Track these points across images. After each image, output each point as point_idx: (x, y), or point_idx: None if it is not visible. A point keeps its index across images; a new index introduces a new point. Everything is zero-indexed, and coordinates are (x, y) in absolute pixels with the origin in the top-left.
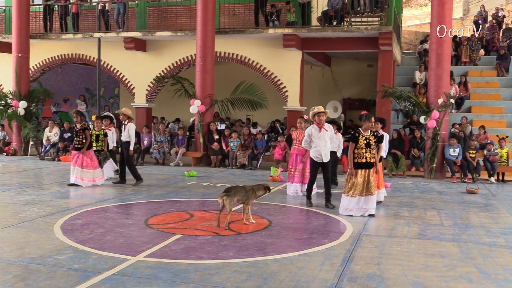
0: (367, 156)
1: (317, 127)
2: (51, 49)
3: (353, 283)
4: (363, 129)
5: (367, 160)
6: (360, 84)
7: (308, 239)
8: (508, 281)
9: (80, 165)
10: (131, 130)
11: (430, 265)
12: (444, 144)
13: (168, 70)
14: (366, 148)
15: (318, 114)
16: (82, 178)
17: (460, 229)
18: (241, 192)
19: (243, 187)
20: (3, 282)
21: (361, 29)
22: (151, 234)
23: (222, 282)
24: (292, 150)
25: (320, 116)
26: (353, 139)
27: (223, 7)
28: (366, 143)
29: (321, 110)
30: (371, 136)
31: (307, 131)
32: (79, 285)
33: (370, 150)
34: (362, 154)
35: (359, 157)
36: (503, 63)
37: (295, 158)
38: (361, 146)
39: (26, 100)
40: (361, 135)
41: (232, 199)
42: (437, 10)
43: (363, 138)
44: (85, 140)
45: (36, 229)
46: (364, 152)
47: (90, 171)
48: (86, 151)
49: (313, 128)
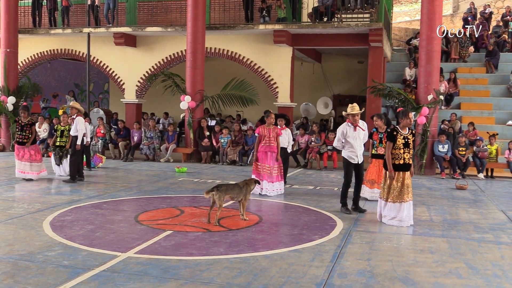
0: (405, 157)
1: (351, 126)
2: (40, 44)
3: (343, 279)
4: (401, 127)
5: (405, 161)
6: (350, 80)
7: (299, 235)
8: (497, 276)
9: (28, 159)
10: (79, 124)
11: (419, 260)
12: (434, 140)
13: (158, 66)
14: (404, 148)
15: (352, 115)
16: (32, 172)
17: (449, 225)
18: (235, 190)
19: (236, 184)
20: None
21: (352, 25)
22: (141, 230)
23: (212, 278)
24: (261, 147)
25: (354, 116)
26: (390, 138)
27: (214, 3)
28: (405, 143)
29: (356, 109)
30: (409, 135)
31: (340, 130)
32: (69, 281)
33: (409, 150)
34: (399, 155)
35: (397, 158)
36: (492, 60)
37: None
38: (399, 146)
39: (14, 95)
40: (399, 134)
41: (222, 195)
42: (427, 7)
43: (401, 137)
44: (31, 135)
45: (25, 226)
46: (402, 152)
47: (37, 164)
48: (30, 145)
49: (347, 126)
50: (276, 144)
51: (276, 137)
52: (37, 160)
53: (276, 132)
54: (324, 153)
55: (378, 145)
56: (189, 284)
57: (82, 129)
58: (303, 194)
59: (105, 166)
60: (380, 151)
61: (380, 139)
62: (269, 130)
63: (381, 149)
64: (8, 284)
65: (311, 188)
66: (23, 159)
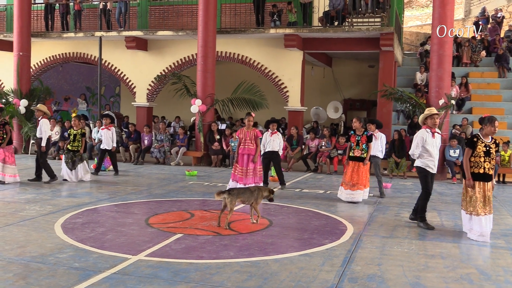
0: (486, 166)
1: (430, 132)
2: (52, 48)
3: (354, 284)
4: (483, 134)
5: (485, 171)
6: (361, 84)
7: (309, 239)
8: (509, 283)
9: (1, 161)
10: (43, 126)
11: (430, 266)
12: (445, 145)
13: (169, 69)
14: (485, 156)
15: (432, 117)
16: (4, 174)
17: (460, 230)
18: (246, 194)
19: (247, 188)
20: (4, 281)
21: (363, 29)
22: (152, 233)
23: (222, 282)
24: (240, 150)
25: (434, 118)
26: (470, 145)
27: (225, 7)
28: (486, 151)
29: (434, 111)
30: (492, 144)
31: (419, 135)
32: (80, 284)
33: (490, 159)
34: (479, 163)
35: (476, 166)
36: (504, 64)
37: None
38: (479, 153)
39: (27, 98)
40: (479, 141)
41: (234, 199)
42: (439, 11)
43: (482, 145)
44: (6, 136)
45: (37, 228)
46: (482, 161)
47: (12, 167)
48: (6, 146)
49: (426, 132)
50: (255, 146)
51: (254, 139)
52: (10, 162)
53: (254, 134)
54: (335, 157)
55: (355, 148)
56: (199, 287)
57: (46, 130)
58: (313, 198)
59: None
60: (356, 153)
61: (357, 142)
62: (247, 133)
63: (358, 151)
64: (20, 285)
65: (321, 192)
66: (3, 161)
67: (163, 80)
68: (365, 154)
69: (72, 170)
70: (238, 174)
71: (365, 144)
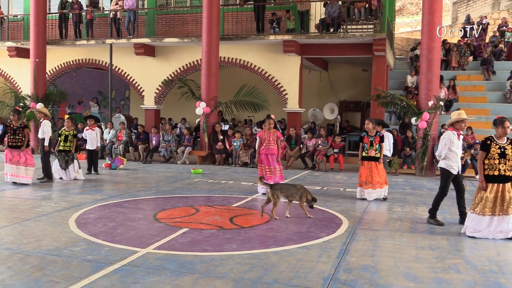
0: (501, 168)
1: (456, 134)
2: (66, 55)
3: (349, 274)
4: (497, 136)
5: (500, 173)
6: (355, 87)
7: (307, 233)
8: (493, 272)
9: (24, 163)
10: (45, 127)
11: (420, 257)
12: (434, 143)
13: (175, 74)
14: (500, 158)
15: (462, 121)
16: (27, 176)
17: (448, 224)
18: (290, 190)
19: (293, 185)
20: (21, 272)
21: (357, 35)
22: (160, 227)
23: (226, 273)
24: (262, 150)
25: (463, 123)
26: (483, 148)
27: (227, 15)
28: (500, 153)
29: (464, 116)
30: (508, 145)
31: (446, 137)
32: (92, 275)
33: (506, 161)
34: (494, 165)
35: (490, 168)
36: (489, 68)
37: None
38: (492, 156)
39: (43, 102)
40: (493, 143)
41: (276, 193)
42: (428, 18)
43: (496, 147)
44: (24, 138)
45: (52, 223)
46: (497, 163)
47: (32, 169)
48: (25, 149)
49: (452, 134)
50: (277, 147)
51: (276, 140)
52: (31, 164)
53: (276, 135)
54: (331, 155)
55: (369, 148)
56: (204, 278)
57: (48, 131)
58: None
59: (126, 167)
60: (371, 153)
61: (371, 142)
62: (269, 134)
63: (372, 152)
64: (37, 276)
65: (318, 188)
66: (19, 163)
67: (170, 84)
68: (379, 154)
69: (65, 170)
70: (267, 173)
71: (379, 144)
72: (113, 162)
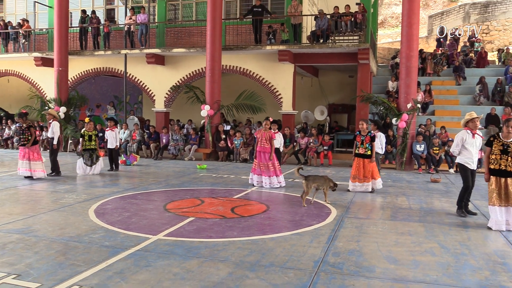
0: (502, 163)
1: (470, 133)
2: (86, 64)
3: (337, 257)
4: (503, 136)
5: (501, 167)
6: (342, 91)
7: (299, 221)
8: (464, 254)
9: (28, 159)
10: (54, 127)
11: (400, 242)
12: (412, 141)
13: (182, 80)
14: (502, 154)
15: (472, 120)
16: (35, 170)
17: (425, 212)
18: (320, 180)
19: (322, 176)
20: (47, 257)
21: (343, 46)
22: (169, 217)
23: (228, 257)
24: (258, 147)
25: (474, 121)
26: (487, 144)
27: (229, 28)
28: (503, 150)
29: (474, 115)
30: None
31: (459, 136)
32: (110, 259)
33: (507, 157)
34: (496, 161)
35: (492, 163)
36: (461, 74)
37: (262, 155)
38: (495, 151)
39: (65, 106)
40: (496, 140)
41: (310, 183)
42: (406, 30)
43: (499, 144)
44: (30, 137)
45: (74, 213)
46: (499, 158)
47: (39, 163)
48: (31, 146)
49: (466, 133)
50: (270, 146)
51: (269, 140)
52: (36, 159)
53: (269, 135)
54: (321, 152)
55: (360, 146)
56: (208, 262)
57: (57, 131)
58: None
59: (139, 164)
60: (361, 151)
61: (362, 141)
62: (263, 134)
63: (362, 149)
64: (61, 260)
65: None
66: (24, 159)
67: (178, 89)
68: (369, 151)
69: (90, 166)
70: (259, 168)
71: (369, 143)
72: (128, 159)
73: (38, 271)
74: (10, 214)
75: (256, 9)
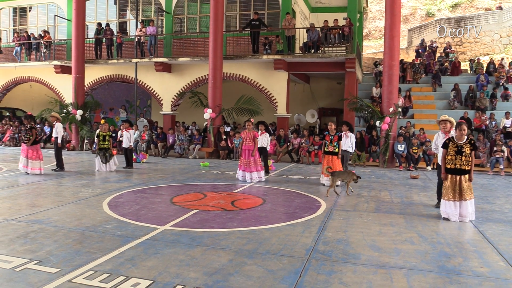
0: (457, 162)
1: (442, 134)
2: (100, 71)
3: (326, 246)
4: (456, 137)
5: (456, 166)
6: (331, 97)
7: (293, 213)
8: (440, 243)
9: (26, 157)
10: (58, 128)
11: (383, 232)
12: (394, 141)
13: (187, 86)
14: (456, 155)
15: (440, 122)
16: (32, 168)
17: (405, 205)
18: (344, 174)
19: (345, 171)
20: (65, 245)
21: (332, 56)
22: (175, 209)
23: (228, 245)
24: (243, 146)
25: (442, 124)
26: (443, 146)
27: (229, 39)
28: (457, 150)
29: (442, 118)
30: (466, 144)
31: (435, 136)
32: (122, 247)
33: (461, 157)
34: (451, 161)
35: (448, 162)
36: (437, 81)
37: (246, 153)
38: (450, 152)
39: (82, 109)
40: (451, 142)
41: (335, 178)
42: (388, 42)
43: (453, 145)
44: (31, 137)
45: (89, 205)
46: (454, 158)
47: (36, 162)
48: (32, 145)
49: (438, 135)
50: (253, 144)
51: (252, 139)
52: (34, 158)
53: (252, 134)
54: (312, 151)
55: (329, 144)
56: (210, 250)
57: (60, 131)
58: (296, 182)
59: (148, 161)
60: (330, 148)
61: (331, 140)
62: (247, 134)
63: (331, 147)
64: (78, 248)
65: (302, 177)
66: (24, 156)
67: (183, 94)
68: (337, 149)
69: (105, 164)
70: (243, 165)
71: (337, 142)
72: (138, 157)
73: (57, 258)
74: (32, 206)
75: (254, 22)
